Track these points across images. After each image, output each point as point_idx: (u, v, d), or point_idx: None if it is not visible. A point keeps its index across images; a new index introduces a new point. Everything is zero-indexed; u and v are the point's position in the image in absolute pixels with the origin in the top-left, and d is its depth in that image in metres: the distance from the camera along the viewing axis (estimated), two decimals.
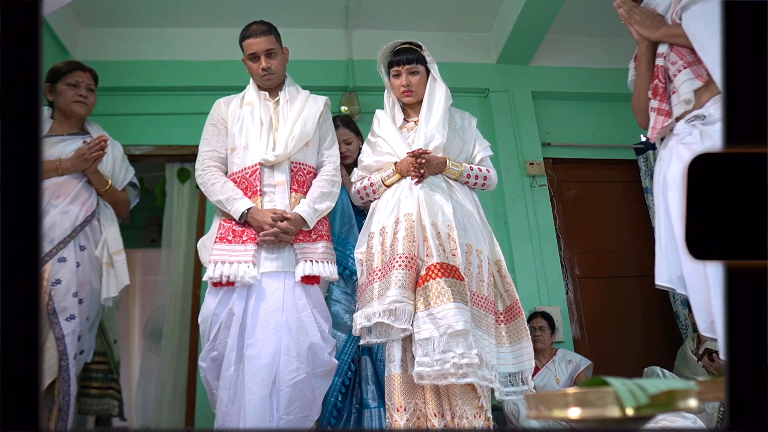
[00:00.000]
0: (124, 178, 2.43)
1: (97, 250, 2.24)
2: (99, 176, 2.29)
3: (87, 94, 2.33)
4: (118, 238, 2.31)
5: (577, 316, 3.60)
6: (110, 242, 2.27)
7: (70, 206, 2.18)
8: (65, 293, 2.07)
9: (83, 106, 2.32)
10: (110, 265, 2.25)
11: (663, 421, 1.87)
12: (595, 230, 3.75)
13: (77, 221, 2.19)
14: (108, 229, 2.29)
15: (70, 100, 2.30)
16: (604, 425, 0.68)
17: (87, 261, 2.20)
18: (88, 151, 2.17)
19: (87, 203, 2.24)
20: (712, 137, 1.51)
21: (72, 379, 2.04)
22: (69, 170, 2.20)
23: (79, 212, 2.21)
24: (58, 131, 2.31)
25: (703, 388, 0.72)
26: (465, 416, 1.74)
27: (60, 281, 2.07)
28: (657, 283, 1.66)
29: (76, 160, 2.19)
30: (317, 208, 2.08)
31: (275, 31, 2.19)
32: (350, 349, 2.29)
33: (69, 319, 2.06)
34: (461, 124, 2.21)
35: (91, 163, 2.20)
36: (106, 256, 2.25)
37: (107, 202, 2.34)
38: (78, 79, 2.32)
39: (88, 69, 2.38)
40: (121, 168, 2.42)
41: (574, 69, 3.94)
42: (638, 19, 1.73)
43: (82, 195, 2.24)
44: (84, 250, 2.20)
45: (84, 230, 2.21)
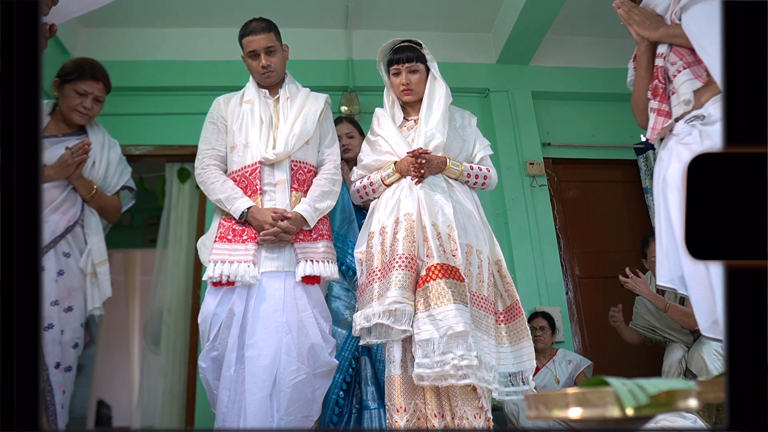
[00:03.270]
0: (117, 182, 2.33)
1: (81, 260, 2.16)
2: (84, 182, 2.19)
3: (92, 105, 2.23)
4: (102, 248, 2.22)
5: (577, 316, 3.60)
6: (94, 252, 2.18)
7: (51, 215, 2.08)
8: (42, 302, 2.02)
9: (84, 117, 2.23)
10: (93, 276, 2.17)
11: (663, 421, 1.86)
12: (595, 230, 3.75)
13: (57, 231, 2.10)
14: (92, 239, 2.19)
15: (72, 108, 2.20)
16: (604, 425, 0.68)
17: (74, 268, 2.13)
18: (71, 157, 2.08)
19: (69, 212, 2.15)
20: (712, 137, 1.51)
21: (55, 388, 1.98)
22: (52, 177, 2.08)
23: (60, 221, 2.11)
24: (53, 131, 2.21)
25: (703, 388, 0.72)
26: (465, 417, 1.73)
27: None
28: (657, 283, 1.66)
29: (59, 167, 2.08)
30: (318, 207, 2.08)
31: (275, 29, 2.18)
32: (351, 346, 2.29)
33: (47, 329, 1.98)
34: (461, 123, 2.21)
35: (73, 169, 2.10)
36: (90, 267, 2.17)
37: (93, 209, 2.24)
38: (87, 89, 2.21)
39: (101, 78, 2.26)
40: (115, 172, 2.32)
41: (574, 69, 3.95)
42: (637, 20, 1.72)
43: (65, 204, 2.14)
44: (69, 257, 2.13)
45: (65, 238, 2.12)
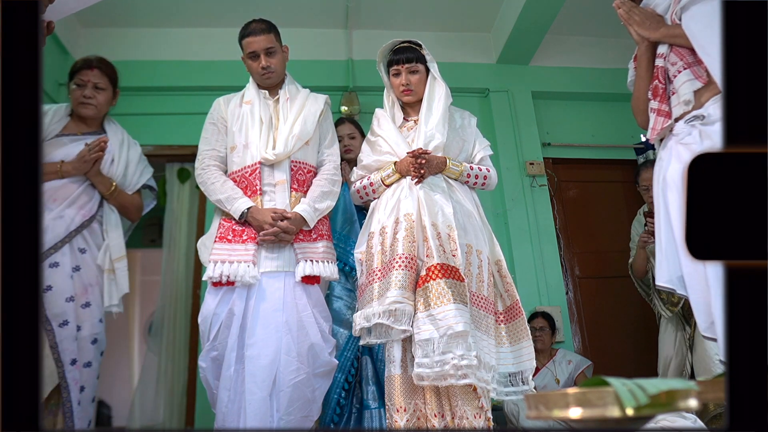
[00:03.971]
0: (138, 181, 2.33)
1: (99, 257, 2.17)
2: (102, 179, 2.19)
3: (92, 93, 2.22)
4: (120, 244, 2.22)
5: (577, 316, 3.60)
6: (112, 248, 2.19)
7: (67, 210, 2.10)
8: (57, 299, 2.00)
9: (89, 107, 2.22)
10: (111, 272, 2.18)
11: (663, 421, 1.86)
12: (595, 230, 3.75)
13: (72, 225, 2.10)
14: (110, 234, 2.20)
15: (77, 102, 2.22)
16: (604, 425, 0.68)
17: (90, 263, 2.14)
18: (88, 153, 2.10)
19: (86, 207, 2.16)
20: (712, 137, 1.51)
21: (71, 385, 1.99)
22: (70, 173, 2.12)
23: (75, 216, 2.12)
24: (72, 130, 2.24)
25: (703, 388, 0.72)
26: (465, 416, 1.73)
27: (51, 287, 2.00)
28: (657, 283, 1.66)
29: (77, 162, 2.11)
30: (317, 207, 2.08)
31: (275, 30, 2.18)
32: (353, 346, 2.29)
33: (62, 325, 1.99)
34: (461, 123, 2.21)
35: (91, 165, 2.12)
36: (107, 263, 2.18)
37: (113, 206, 2.25)
38: (83, 78, 2.22)
39: (96, 65, 2.25)
40: (135, 170, 2.33)
41: (574, 69, 3.95)
42: (638, 20, 1.72)
43: (81, 199, 2.15)
44: (84, 252, 2.13)
45: (81, 234, 2.13)
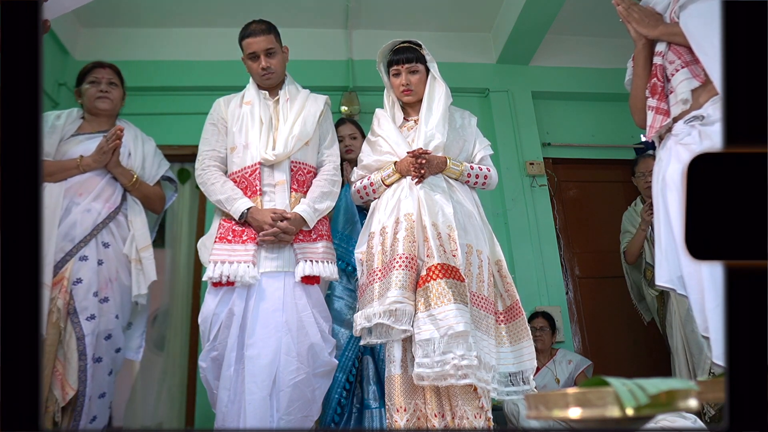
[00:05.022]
0: (157, 172, 2.39)
1: (125, 247, 2.21)
2: (123, 170, 2.25)
3: (108, 88, 2.33)
4: (146, 233, 2.26)
5: (577, 316, 3.60)
6: (138, 238, 2.23)
7: (93, 203, 2.16)
8: (86, 293, 2.04)
9: (105, 101, 2.32)
10: (138, 262, 2.21)
11: (663, 421, 1.86)
12: (595, 230, 3.75)
13: (99, 218, 2.15)
14: (135, 225, 2.24)
15: (93, 97, 2.30)
16: (604, 425, 0.68)
17: (112, 258, 2.16)
18: (106, 143, 2.16)
19: (111, 199, 2.21)
20: (711, 138, 1.51)
21: (89, 380, 2.00)
22: (90, 166, 2.18)
23: (102, 209, 2.17)
24: (87, 129, 2.32)
25: (703, 388, 0.72)
26: (465, 416, 1.73)
27: (81, 280, 2.04)
28: (657, 283, 1.66)
29: (97, 155, 2.17)
30: (317, 207, 2.08)
31: (275, 30, 2.19)
32: (354, 346, 2.29)
33: (89, 319, 2.03)
34: (461, 123, 2.21)
35: (110, 155, 2.18)
36: (134, 253, 2.21)
37: (136, 198, 2.30)
38: (97, 75, 2.33)
39: (108, 65, 2.39)
40: (153, 163, 2.39)
41: (574, 69, 3.95)
42: (636, 17, 1.72)
43: (106, 191, 2.21)
44: (108, 247, 2.16)
45: (108, 227, 2.17)
